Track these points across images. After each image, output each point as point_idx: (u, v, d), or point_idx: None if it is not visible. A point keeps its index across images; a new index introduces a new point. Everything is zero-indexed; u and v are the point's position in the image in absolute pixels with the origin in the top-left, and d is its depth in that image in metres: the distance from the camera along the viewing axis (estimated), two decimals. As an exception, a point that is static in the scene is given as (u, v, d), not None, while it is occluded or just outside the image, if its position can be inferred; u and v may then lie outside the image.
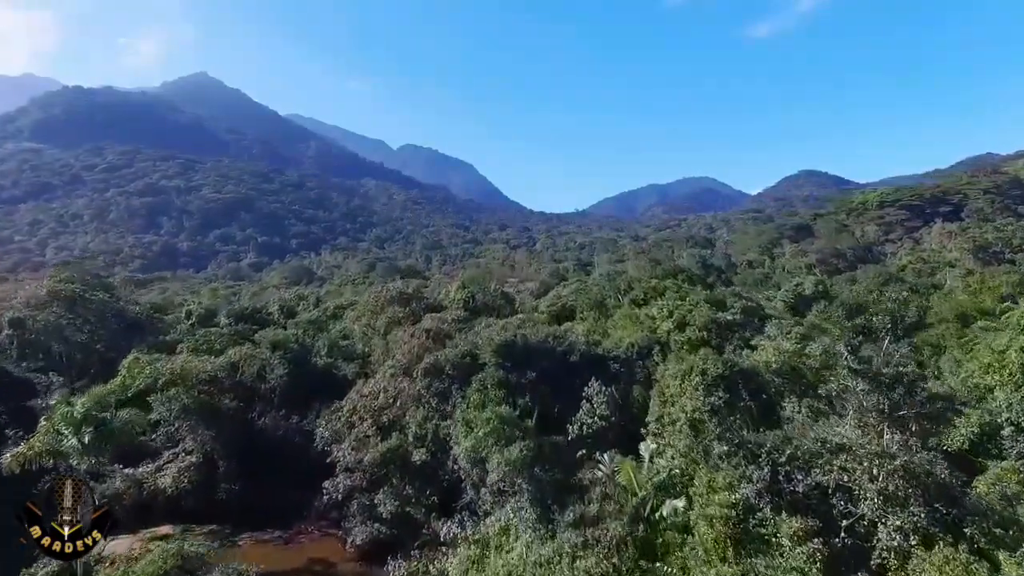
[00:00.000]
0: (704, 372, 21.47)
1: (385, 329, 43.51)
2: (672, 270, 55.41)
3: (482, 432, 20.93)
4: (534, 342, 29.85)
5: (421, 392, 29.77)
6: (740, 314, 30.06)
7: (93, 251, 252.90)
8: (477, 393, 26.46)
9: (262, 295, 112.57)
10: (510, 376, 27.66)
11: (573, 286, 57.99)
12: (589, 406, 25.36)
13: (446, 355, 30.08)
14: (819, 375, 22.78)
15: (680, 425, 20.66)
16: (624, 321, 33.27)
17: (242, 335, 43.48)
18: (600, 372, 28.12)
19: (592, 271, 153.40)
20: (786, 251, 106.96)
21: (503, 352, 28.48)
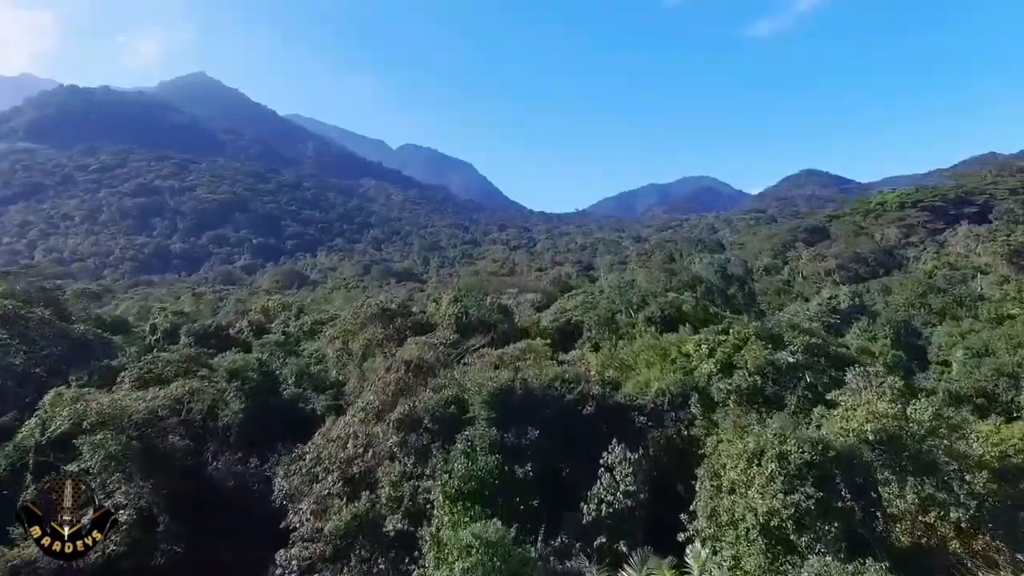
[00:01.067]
0: (783, 457, 15.37)
1: (363, 353, 37.61)
2: (690, 281, 49.69)
3: (458, 569, 14.93)
4: (536, 388, 23.80)
5: (394, 449, 23.81)
6: (802, 353, 24.06)
7: (83, 253, 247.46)
8: (464, 458, 20.47)
9: (250, 301, 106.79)
10: (506, 435, 21.67)
11: (579, 298, 52.04)
12: (610, 477, 19.41)
13: (425, 403, 24.07)
14: (925, 445, 16.88)
15: (748, 531, 14.81)
16: (648, 354, 27.25)
17: (197, 360, 37.61)
18: (622, 428, 22.21)
19: (595, 274, 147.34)
20: (802, 255, 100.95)
21: (497, 402, 22.49)
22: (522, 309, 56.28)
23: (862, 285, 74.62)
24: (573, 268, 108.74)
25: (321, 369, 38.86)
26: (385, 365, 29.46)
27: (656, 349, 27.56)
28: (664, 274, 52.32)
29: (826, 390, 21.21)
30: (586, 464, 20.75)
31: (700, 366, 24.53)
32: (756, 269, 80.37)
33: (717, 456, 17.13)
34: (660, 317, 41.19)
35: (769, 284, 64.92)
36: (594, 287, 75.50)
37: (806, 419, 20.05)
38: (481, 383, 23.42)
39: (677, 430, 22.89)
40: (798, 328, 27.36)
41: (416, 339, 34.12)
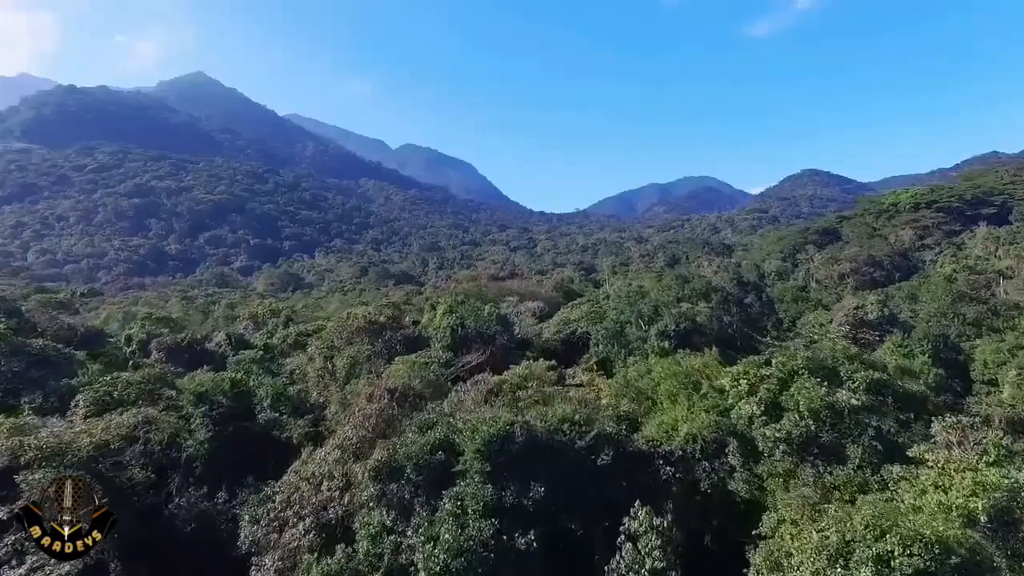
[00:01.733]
0: (883, 562, 11.49)
1: (347, 373, 33.90)
2: (703, 289, 46.01)
3: None
4: (541, 433, 19.98)
5: (370, 502, 20.07)
6: (864, 391, 20.18)
7: (77, 254, 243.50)
8: (452, 522, 16.75)
9: (239, 306, 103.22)
10: (504, 493, 17.92)
11: (584, 308, 48.35)
12: (633, 550, 15.71)
13: (408, 447, 20.31)
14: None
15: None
16: (670, 384, 23.38)
17: (163, 380, 33.93)
18: (644, 482, 18.55)
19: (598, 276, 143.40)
20: (813, 258, 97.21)
21: (494, 451, 18.75)
22: (523, 319, 52.62)
23: (881, 290, 70.91)
24: (575, 272, 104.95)
25: (301, 390, 35.14)
26: (367, 392, 25.75)
27: (679, 377, 23.81)
28: (676, 281, 48.59)
29: (898, 439, 17.51)
30: (602, 528, 17.06)
31: (739, 406, 20.71)
32: (768, 273, 76.58)
33: (779, 542, 13.46)
34: (675, 331, 37.44)
35: (785, 291, 61.19)
36: (598, 293, 71.79)
37: (876, 477, 16.40)
38: (475, 426, 19.65)
39: (712, 484, 19.15)
40: (856, 359, 23.50)
41: (404, 359, 30.42)
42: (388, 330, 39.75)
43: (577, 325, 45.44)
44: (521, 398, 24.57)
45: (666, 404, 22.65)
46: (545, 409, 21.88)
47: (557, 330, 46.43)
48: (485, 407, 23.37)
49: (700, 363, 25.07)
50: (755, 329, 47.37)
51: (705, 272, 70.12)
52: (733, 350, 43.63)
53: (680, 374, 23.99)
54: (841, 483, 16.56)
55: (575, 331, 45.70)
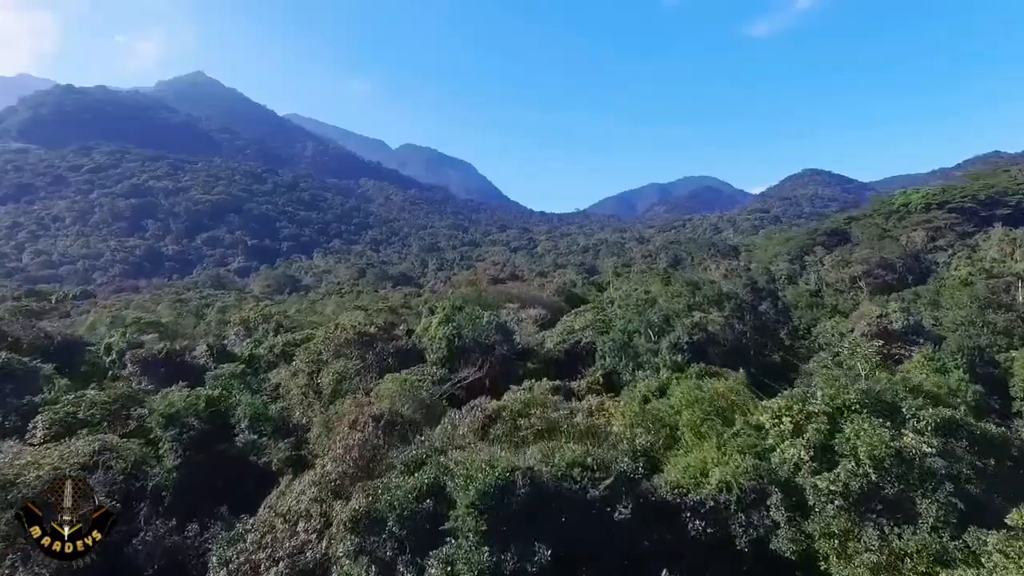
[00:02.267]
0: None
1: (333, 390, 31.14)
2: (715, 296, 43.24)
3: None
4: (547, 480, 17.05)
5: (346, 557, 17.28)
6: (933, 432, 17.27)
7: (72, 256, 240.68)
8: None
9: (230, 311, 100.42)
10: (504, 557, 15.12)
11: (588, 316, 45.55)
12: (659, 632, 13.09)
13: (391, 494, 17.43)
14: None
15: None
16: (694, 413, 20.39)
17: (134, 399, 31.18)
18: (670, 540, 15.80)
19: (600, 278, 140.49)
20: (822, 260, 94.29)
21: (491, 506, 15.91)
22: (524, 327, 49.82)
23: (897, 295, 68.12)
24: (577, 274, 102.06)
25: (284, 408, 32.34)
26: (351, 418, 22.97)
27: (703, 405, 20.98)
28: (687, 288, 45.79)
29: (979, 495, 14.75)
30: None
31: (781, 448, 17.77)
32: (778, 277, 73.73)
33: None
34: (688, 343, 34.67)
35: (798, 296, 58.39)
36: (603, 298, 68.99)
37: (958, 543, 13.68)
38: (469, 473, 16.81)
39: (751, 541, 16.31)
40: (920, 392, 20.51)
41: (394, 377, 27.62)
42: (379, 341, 36.99)
43: (582, 334, 42.66)
44: (522, 427, 21.80)
45: (690, 438, 19.84)
46: (551, 447, 19.01)
47: (560, 339, 43.66)
48: (481, 443, 20.57)
49: (725, 387, 22.32)
50: (770, 338, 44.60)
51: (713, 275, 67.37)
52: (749, 363, 40.89)
53: (703, 400, 21.20)
54: (914, 550, 13.81)
55: (579, 340, 42.93)
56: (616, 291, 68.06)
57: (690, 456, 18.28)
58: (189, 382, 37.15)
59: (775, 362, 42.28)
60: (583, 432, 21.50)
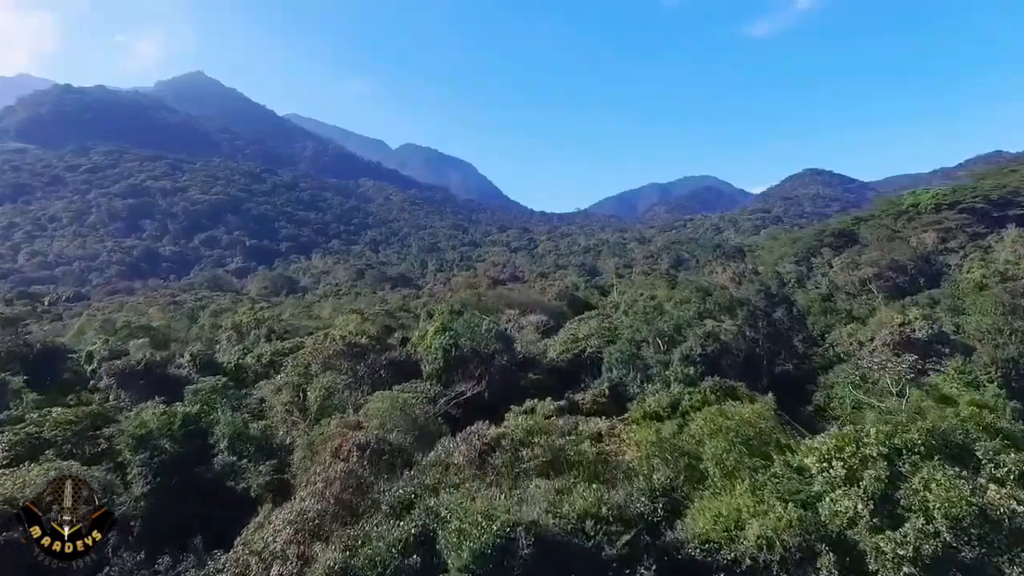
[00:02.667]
0: None
1: (318, 407, 28.87)
2: (727, 302, 40.95)
3: None
4: (556, 535, 14.73)
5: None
6: (1017, 483, 14.84)
7: (68, 256, 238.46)
8: None
9: (222, 316, 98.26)
10: None
11: (593, 324, 43.28)
12: None
13: (373, 546, 15.09)
14: None
15: None
16: (719, 444, 17.85)
17: (104, 417, 28.92)
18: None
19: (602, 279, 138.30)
20: (830, 262, 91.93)
21: (488, 570, 13.55)
22: (525, 334, 47.58)
23: (911, 299, 65.88)
24: (579, 276, 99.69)
25: (268, 426, 30.05)
26: (334, 445, 20.68)
27: (729, 435, 18.62)
28: (696, 294, 43.47)
29: None
30: None
31: (832, 497, 15.31)
32: (789, 281, 71.37)
33: None
34: (701, 355, 32.40)
35: (810, 301, 56.08)
36: (606, 302, 66.75)
37: None
38: (463, 526, 14.45)
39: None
40: (995, 431, 18.04)
41: (384, 396, 25.34)
42: (371, 352, 34.74)
43: (586, 343, 40.40)
44: (525, 458, 19.53)
45: (717, 476, 17.45)
46: (558, 491, 16.63)
47: (564, 348, 41.40)
48: (478, 482, 18.24)
49: (752, 413, 20.01)
50: (785, 346, 42.33)
51: (720, 278, 65.08)
52: (763, 374, 38.62)
53: (729, 430, 18.86)
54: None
55: (584, 350, 40.67)
56: (620, 295, 65.78)
57: (721, 502, 15.89)
58: (168, 396, 34.90)
59: (791, 373, 40.01)
60: (593, 463, 19.25)
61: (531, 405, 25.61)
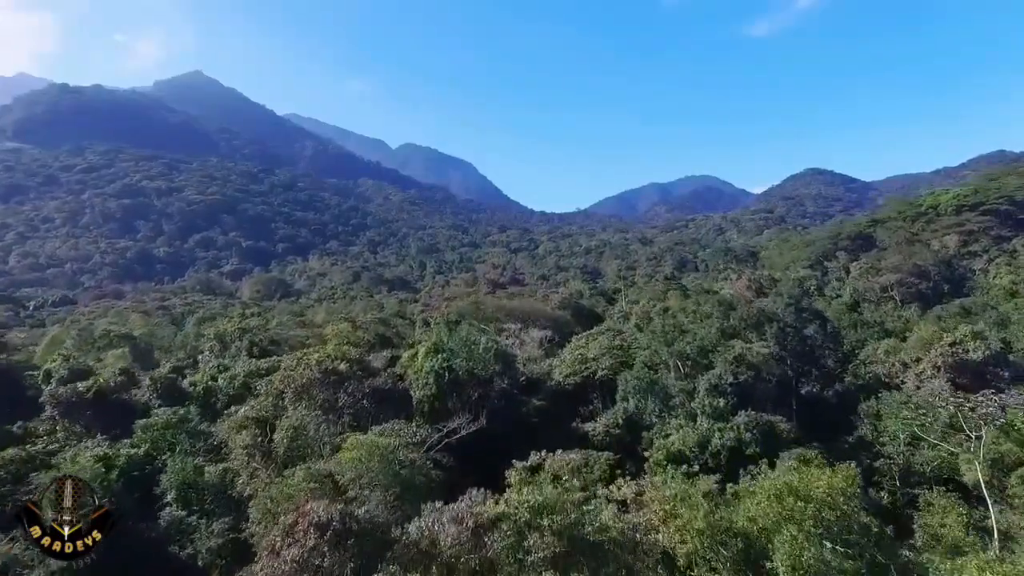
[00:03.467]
0: None
1: (286, 449, 24.44)
2: (754, 318, 36.57)
3: None
4: None
5: None
6: None
7: (60, 258, 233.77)
8: None
9: (216, 320, 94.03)
10: None
11: (603, 341, 38.84)
12: None
13: None
14: None
15: None
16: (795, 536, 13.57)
17: (29, 463, 24.45)
18: None
19: (603, 283, 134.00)
20: (848, 267, 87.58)
21: None
22: (527, 350, 43.16)
23: (940, 308, 61.46)
24: (584, 283, 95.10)
25: (226, 470, 25.57)
26: (288, 523, 16.22)
27: (806, 524, 14.15)
28: (720, 310, 39.06)
29: None
30: None
31: None
32: (809, 289, 66.84)
33: None
34: (732, 384, 28.02)
35: (839, 313, 51.59)
36: (614, 311, 62.29)
37: None
38: None
39: None
40: None
41: (360, 442, 20.92)
42: (352, 380, 30.32)
43: (596, 365, 36.00)
44: (531, 547, 15.13)
45: None
46: None
47: (571, 370, 37.02)
48: None
49: (830, 488, 15.57)
50: (817, 367, 37.96)
51: (736, 287, 60.69)
52: (797, 401, 34.27)
53: (805, 515, 14.37)
54: None
55: (594, 372, 36.27)
56: (629, 303, 61.28)
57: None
58: (122, 429, 30.50)
59: (824, 397, 35.59)
60: (619, 545, 14.90)
61: (538, 460, 21.21)
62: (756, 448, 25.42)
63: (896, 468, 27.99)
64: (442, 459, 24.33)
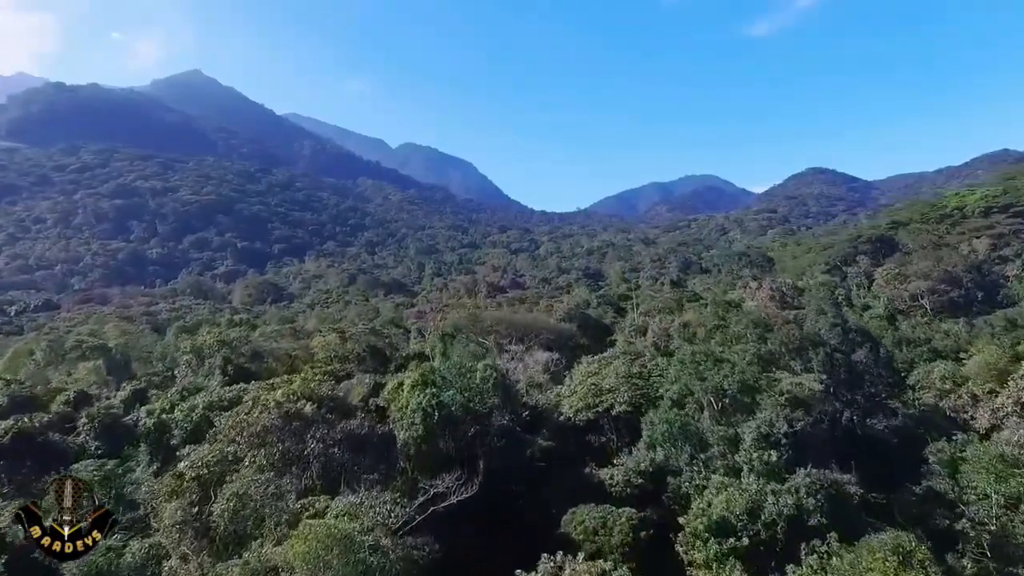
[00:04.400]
0: None
1: (227, 524, 19.17)
2: (794, 343, 31.35)
3: None
4: None
5: None
6: None
7: (51, 260, 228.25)
8: None
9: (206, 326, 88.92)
10: None
11: (620, 368, 33.49)
12: None
13: None
14: None
15: None
16: None
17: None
18: None
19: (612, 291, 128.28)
20: (869, 272, 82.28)
21: None
22: (531, 374, 37.91)
23: (983, 320, 56.13)
24: (591, 292, 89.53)
25: (150, 548, 20.20)
26: None
27: None
28: (752, 329, 33.84)
29: None
30: None
31: None
32: (838, 299, 61.46)
33: None
34: (788, 435, 22.79)
35: (879, 330, 46.24)
36: (625, 324, 56.92)
37: None
38: None
39: None
40: None
41: (316, 528, 15.80)
42: (321, 424, 25.07)
43: (613, 399, 30.75)
44: None
45: None
46: None
47: (583, 403, 31.76)
48: None
49: None
50: (867, 398, 32.74)
51: (758, 298, 55.43)
52: (854, 445, 28.99)
53: None
54: None
55: (610, 407, 31.03)
56: (640, 314, 56.01)
57: None
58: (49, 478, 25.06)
59: (886, 440, 30.31)
60: None
61: (554, 566, 15.95)
62: (821, 518, 20.26)
63: (987, 536, 22.80)
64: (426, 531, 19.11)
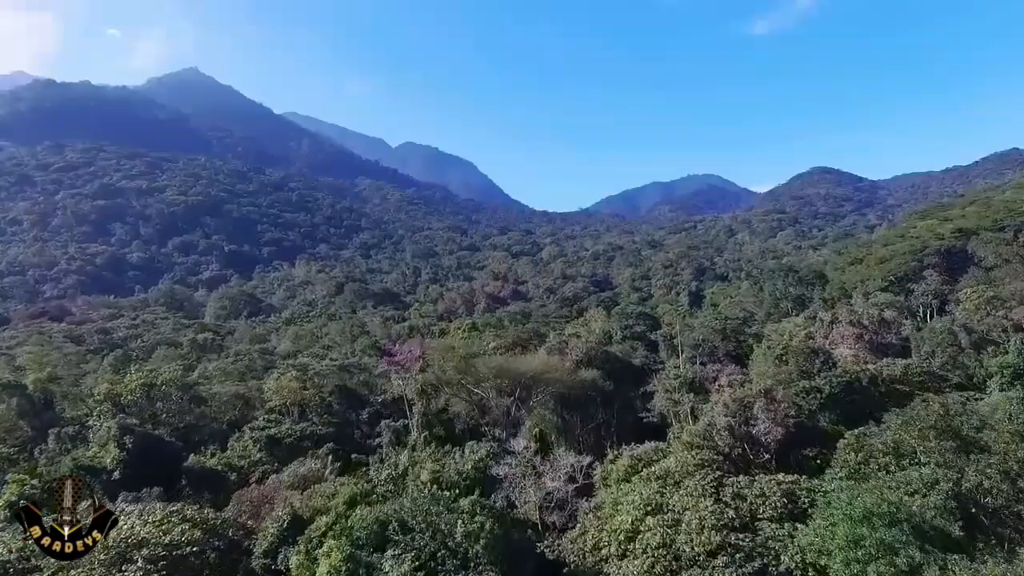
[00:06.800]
0: None
1: None
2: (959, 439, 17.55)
3: None
4: None
5: None
6: None
7: (23, 264, 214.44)
8: None
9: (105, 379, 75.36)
10: None
11: (706, 505, 19.46)
12: None
13: None
14: None
15: None
16: None
17: None
18: None
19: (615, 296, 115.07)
20: (945, 293, 68.55)
21: None
22: (548, 482, 24.18)
23: None
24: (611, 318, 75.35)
25: None
26: None
27: None
28: (930, 437, 20.08)
29: None
30: None
31: None
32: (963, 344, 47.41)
33: None
34: None
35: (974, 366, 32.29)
36: (670, 373, 42.98)
37: None
38: None
39: None
40: None
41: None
42: None
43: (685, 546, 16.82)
44: None
45: None
46: None
47: (647, 570, 17.85)
48: None
49: None
50: None
51: (841, 337, 41.84)
52: None
53: None
54: None
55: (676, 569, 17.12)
56: (688, 359, 42.18)
57: None
58: None
59: None
60: None
61: None
62: None
63: None
64: None
